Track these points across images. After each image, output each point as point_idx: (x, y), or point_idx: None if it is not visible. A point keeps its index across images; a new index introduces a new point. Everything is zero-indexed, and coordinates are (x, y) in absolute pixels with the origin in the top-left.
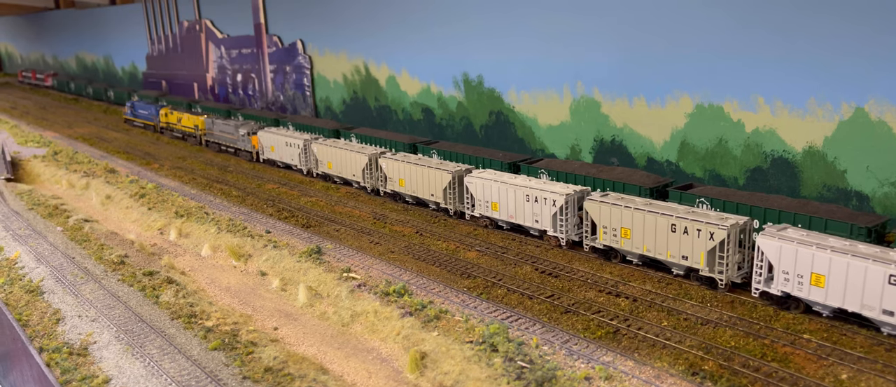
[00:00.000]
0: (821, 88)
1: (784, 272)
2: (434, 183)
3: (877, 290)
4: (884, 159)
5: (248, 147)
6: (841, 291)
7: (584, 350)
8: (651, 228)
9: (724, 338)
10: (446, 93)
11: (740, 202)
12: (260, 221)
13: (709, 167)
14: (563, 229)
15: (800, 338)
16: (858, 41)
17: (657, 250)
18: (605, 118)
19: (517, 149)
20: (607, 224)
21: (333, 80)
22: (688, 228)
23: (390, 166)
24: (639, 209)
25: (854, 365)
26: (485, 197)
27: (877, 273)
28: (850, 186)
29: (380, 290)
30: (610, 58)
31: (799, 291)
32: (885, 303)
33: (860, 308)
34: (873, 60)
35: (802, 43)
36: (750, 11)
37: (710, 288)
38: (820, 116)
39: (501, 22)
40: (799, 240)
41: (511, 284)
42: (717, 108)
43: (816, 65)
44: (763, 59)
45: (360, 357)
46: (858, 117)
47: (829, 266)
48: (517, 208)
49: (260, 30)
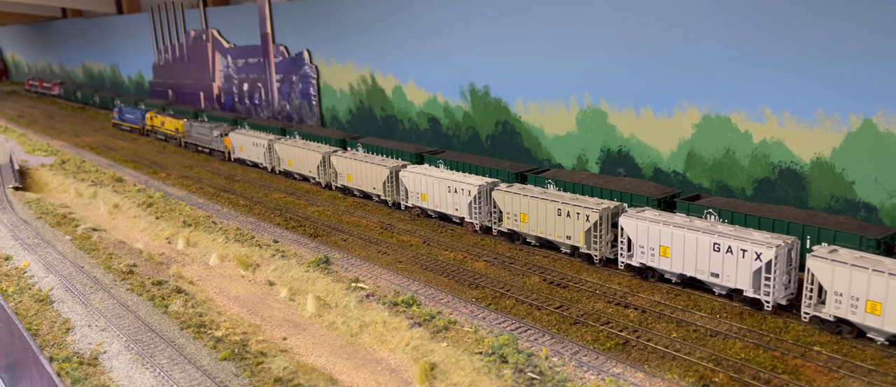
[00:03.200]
0: (829, 99)
1: (641, 246)
2: (375, 177)
3: (704, 257)
4: (892, 171)
5: (221, 147)
6: (681, 260)
7: (593, 362)
8: (543, 213)
9: (733, 350)
10: (453, 103)
11: (748, 214)
12: (268, 231)
13: (716, 178)
14: (477, 216)
15: (810, 350)
16: (867, 52)
17: (547, 231)
18: (612, 128)
19: (524, 159)
20: (510, 211)
21: (340, 89)
22: (570, 212)
23: (340, 163)
24: (534, 197)
25: (865, 378)
26: (416, 189)
27: (705, 243)
28: (858, 198)
29: (388, 300)
30: (617, 68)
31: (653, 262)
32: (712, 267)
33: (695, 272)
34: (882, 71)
35: (810, 54)
36: (757, 22)
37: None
38: (828, 127)
39: (508, 32)
40: (651, 219)
41: (519, 294)
42: (724, 118)
43: (824, 76)
44: (770, 70)
45: (369, 368)
46: (866, 129)
47: (671, 239)
48: (442, 199)
49: (266, 39)
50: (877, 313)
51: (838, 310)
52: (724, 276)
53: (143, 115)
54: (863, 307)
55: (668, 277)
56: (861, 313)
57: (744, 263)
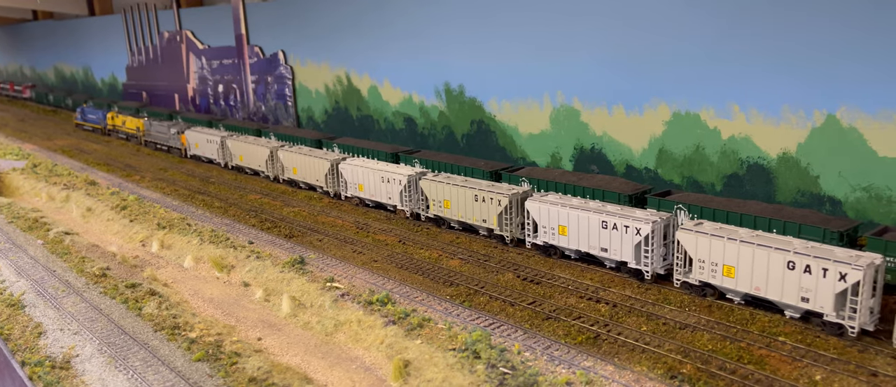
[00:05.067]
0: (794, 96)
1: (544, 227)
2: (318, 169)
3: (595, 235)
4: (855, 165)
5: (178, 144)
6: (577, 237)
7: (565, 356)
8: (463, 199)
9: (701, 342)
10: (428, 102)
11: (717, 208)
12: (243, 232)
13: (687, 174)
14: (407, 204)
15: (775, 340)
16: (830, 50)
17: (467, 216)
18: (585, 127)
19: (499, 157)
20: (435, 198)
21: (315, 90)
22: (485, 198)
23: (286, 157)
24: (455, 185)
25: (827, 366)
26: (354, 180)
27: (595, 221)
28: (823, 192)
29: (363, 299)
30: (588, 67)
31: (553, 240)
32: (601, 243)
33: (588, 248)
34: (844, 69)
35: (776, 52)
36: (725, 21)
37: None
38: (793, 123)
39: (482, 32)
40: (552, 202)
41: (493, 291)
42: (693, 115)
43: (789, 73)
44: (738, 68)
45: (344, 366)
46: (830, 124)
47: (568, 219)
48: (376, 188)
49: (241, 41)
50: (732, 276)
51: (702, 275)
52: (612, 250)
53: (104, 115)
54: (721, 271)
55: (568, 254)
56: (720, 277)
57: (627, 238)
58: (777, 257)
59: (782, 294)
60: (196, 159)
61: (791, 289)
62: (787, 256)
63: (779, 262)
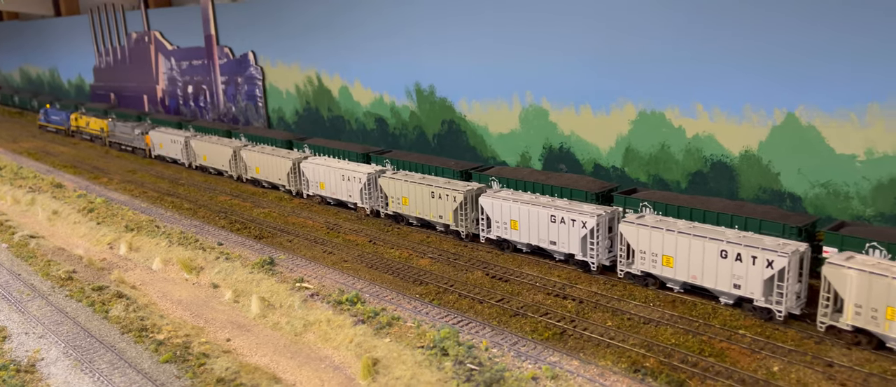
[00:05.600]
0: (755, 95)
1: (497, 222)
2: (280, 168)
3: (544, 229)
4: (814, 162)
5: (142, 145)
6: (527, 232)
7: (531, 351)
8: (420, 196)
9: (665, 336)
10: (399, 103)
11: (681, 205)
12: (212, 234)
13: (653, 172)
14: (367, 201)
15: (736, 333)
16: (789, 51)
17: (424, 212)
18: (553, 126)
19: (469, 157)
20: (394, 195)
21: (286, 90)
22: (442, 194)
23: (249, 156)
24: (413, 182)
25: (785, 357)
26: (315, 178)
27: (545, 216)
28: (784, 188)
29: (333, 299)
30: (557, 68)
31: (505, 234)
32: (550, 236)
33: (538, 242)
34: (802, 68)
35: (738, 52)
36: (688, 23)
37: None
38: (755, 121)
39: (451, 33)
40: (504, 198)
41: (462, 289)
42: (659, 115)
43: (750, 73)
44: (701, 68)
45: (312, 366)
46: (790, 123)
47: (519, 214)
48: (337, 186)
49: (210, 41)
50: (671, 266)
51: (643, 265)
52: (560, 243)
53: (68, 116)
54: (660, 261)
55: (520, 248)
56: (660, 267)
57: (574, 232)
58: (711, 247)
59: (716, 282)
60: (161, 160)
61: (724, 276)
62: (720, 245)
63: (713, 251)
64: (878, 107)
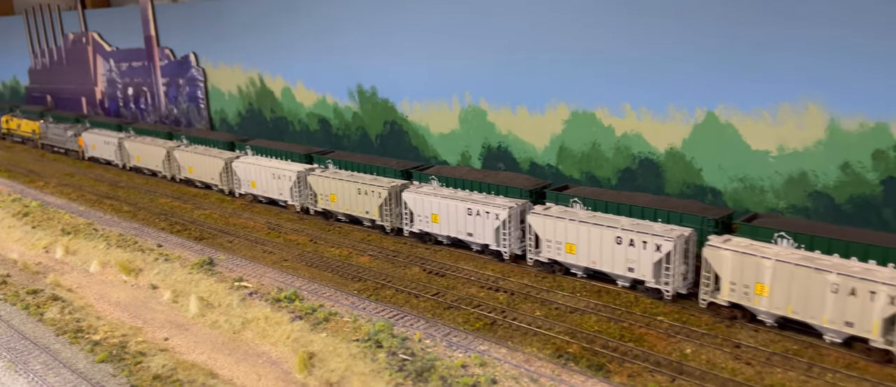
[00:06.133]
0: (678, 95)
1: (419, 216)
2: (213, 168)
3: (462, 221)
4: (732, 158)
5: (76, 146)
6: (447, 224)
7: (462, 341)
8: (348, 193)
9: (589, 323)
10: (342, 103)
11: (609, 201)
12: (152, 236)
13: (585, 170)
14: (297, 199)
15: (654, 320)
16: (708, 52)
17: (352, 208)
18: (492, 126)
19: (412, 157)
20: (323, 193)
21: (228, 92)
22: (368, 191)
23: (182, 156)
24: (340, 179)
25: (698, 341)
26: (247, 177)
27: (462, 209)
28: (706, 184)
29: (271, 297)
30: (494, 69)
31: (427, 228)
32: (468, 228)
33: (457, 234)
34: (721, 69)
35: (661, 54)
36: (615, 26)
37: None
38: (678, 120)
39: (392, 34)
40: (426, 192)
41: (400, 284)
42: (589, 114)
43: (673, 73)
44: (628, 69)
45: (250, 361)
46: (710, 121)
47: (439, 208)
48: (268, 185)
49: (151, 42)
50: (573, 253)
51: (549, 253)
52: (477, 235)
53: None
54: (564, 249)
55: (441, 240)
56: (564, 254)
57: (488, 224)
58: (608, 234)
59: (613, 266)
60: (95, 162)
61: (620, 261)
62: (615, 232)
63: (609, 238)
64: (789, 106)
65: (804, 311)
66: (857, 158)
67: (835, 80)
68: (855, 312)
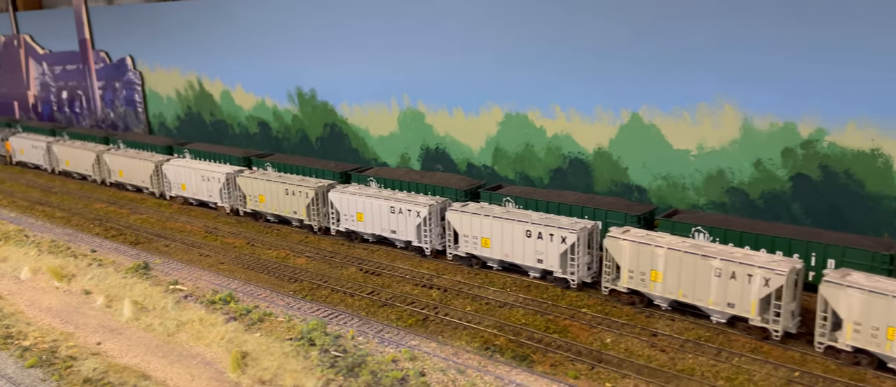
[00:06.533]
0: (605, 97)
1: (345, 215)
2: (143, 171)
3: (386, 219)
4: (656, 157)
5: (2, 151)
6: (372, 222)
7: (395, 337)
8: (276, 194)
9: (516, 317)
10: (281, 106)
11: (539, 199)
12: (86, 241)
13: (519, 170)
14: (226, 201)
15: (579, 312)
16: (633, 56)
17: (280, 209)
18: (430, 128)
19: (352, 159)
20: (252, 194)
21: (167, 95)
22: (295, 192)
23: (112, 160)
24: (268, 181)
25: (618, 331)
26: (177, 180)
27: (386, 208)
28: (632, 182)
29: (206, 299)
30: (431, 72)
31: (353, 226)
32: (391, 226)
33: (381, 231)
34: (644, 72)
35: (588, 57)
36: (545, 30)
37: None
38: (605, 121)
39: (332, 38)
40: (351, 192)
41: (336, 284)
42: (522, 116)
43: (600, 76)
44: (558, 72)
45: (184, 363)
46: (634, 122)
47: (364, 207)
48: (198, 187)
49: (85, 45)
50: (488, 247)
51: (467, 247)
52: (400, 232)
53: None
54: (480, 243)
55: (367, 238)
56: (479, 248)
57: (410, 221)
58: (519, 228)
59: (524, 258)
60: (22, 166)
61: (530, 253)
62: (526, 226)
63: (520, 232)
64: (706, 106)
65: (693, 294)
66: (769, 155)
67: (747, 81)
68: (735, 293)
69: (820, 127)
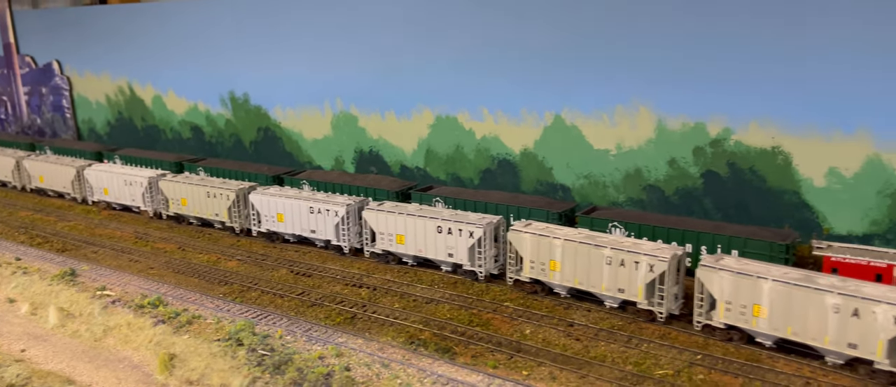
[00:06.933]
0: (529, 100)
1: (266, 216)
2: (65, 177)
3: (305, 219)
4: (578, 157)
5: None
6: (292, 223)
7: (322, 335)
8: (198, 197)
9: (442, 312)
10: (214, 111)
11: (467, 199)
12: (10, 249)
13: (450, 171)
14: (149, 204)
15: (502, 306)
16: (555, 61)
17: (202, 211)
18: (363, 131)
19: (287, 163)
20: (174, 197)
21: (96, 101)
22: (216, 194)
23: (32, 166)
24: (190, 184)
25: (537, 323)
26: (99, 185)
27: (304, 208)
28: (556, 181)
29: (135, 303)
30: (363, 76)
31: (274, 227)
32: (311, 226)
33: (301, 231)
34: (566, 76)
35: (514, 61)
36: (473, 35)
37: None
38: (530, 123)
39: (265, 42)
40: (271, 194)
41: (266, 286)
42: (452, 119)
43: (525, 80)
44: (486, 76)
45: (111, 367)
46: (558, 123)
47: (284, 208)
48: (120, 192)
49: (9, 50)
50: (403, 243)
51: (383, 245)
52: (319, 231)
53: None
54: (395, 240)
55: (288, 238)
56: (395, 245)
57: (329, 221)
58: (430, 225)
59: (436, 253)
60: None
61: (441, 248)
62: (437, 222)
63: (432, 228)
64: (623, 108)
65: (587, 281)
66: (682, 154)
67: (661, 84)
68: (625, 280)
69: (726, 126)
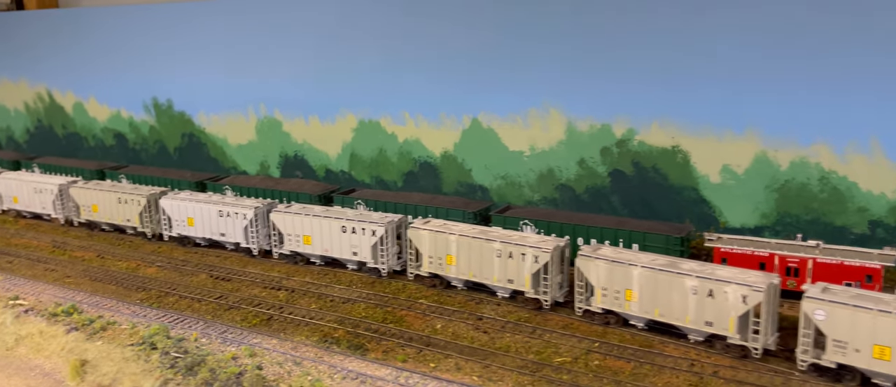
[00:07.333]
0: (448, 104)
1: (176, 221)
2: None
3: (215, 223)
4: (495, 159)
5: None
6: (202, 226)
7: (237, 337)
8: (109, 204)
9: (357, 311)
10: (137, 117)
11: (388, 201)
12: None
13: (374, 174)
14: (60, 212)
15: (416, 303)
16: (471, 66)
17: (114, 218)
18: (287, 136)
19: (212, 168)
20: (85, 204)
21: (14, 108)
22: (128, 200)
23: None
24: (101, 190)
25: (448, 318)
26: (9, 193)
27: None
28: (475, 182)
29: (48, 312)
30: (287, 81)
31: (185, 231)
32: (220, 229)
33: (211, 235)
34: (482, 81)
35: (432, 65)
36: (393, 39)
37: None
38: (449, 126)
39: (187, 48)
40: (181, 198)
41: (184, 291)
42: (375, 123)
43: (444, 83)
44: (407, 80)
45: (21, 375)
46: (475, 126)
47: (194, 212)
48: (30, 200)
49: None
50: (310, 244)
51: (290, 246)
52: (229, 234)
53: None
54: (302, 241)
55: (199, 242)
56: (302, 245)
57: (238, 224)
58: (335, 225)
59: (341, 252)
60: None
61: (346, 247)
62: (341, 222)
63: (337, 228)
64: (536, 111)
65: (480, 274)
66: (590, 154)
67: (570, 88)
68: (513, 271)
69: (631, 127)
